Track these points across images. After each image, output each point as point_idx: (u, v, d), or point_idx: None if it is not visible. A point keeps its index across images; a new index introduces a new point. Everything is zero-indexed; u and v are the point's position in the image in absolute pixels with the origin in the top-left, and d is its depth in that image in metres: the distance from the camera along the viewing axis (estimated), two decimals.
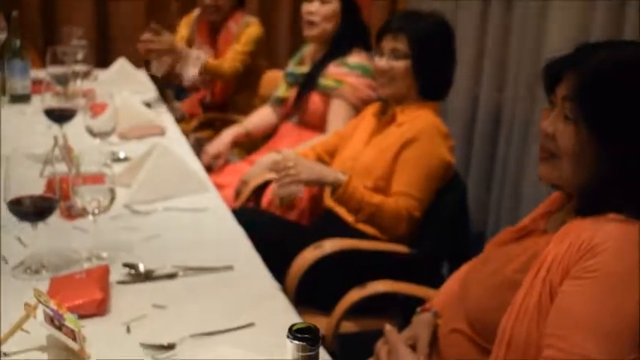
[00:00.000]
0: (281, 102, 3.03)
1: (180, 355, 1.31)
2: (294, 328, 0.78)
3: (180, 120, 3.27)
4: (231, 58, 3.32)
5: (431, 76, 2.25)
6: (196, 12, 3.60)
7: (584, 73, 1.28)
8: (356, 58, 2.80)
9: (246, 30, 3.37)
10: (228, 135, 3.06)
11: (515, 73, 3.28)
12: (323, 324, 1.91)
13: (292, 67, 3.03)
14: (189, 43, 3.55)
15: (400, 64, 2.23)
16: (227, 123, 3.30)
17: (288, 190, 2.16)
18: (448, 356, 1.46)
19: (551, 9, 2.97)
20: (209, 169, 2.85)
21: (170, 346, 1.32)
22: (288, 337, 0.77)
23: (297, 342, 0.77)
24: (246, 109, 3.40)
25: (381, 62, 2.27)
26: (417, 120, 2.21)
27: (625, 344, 1.17)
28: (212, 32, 3.52)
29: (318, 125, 2.82)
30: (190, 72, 3.17)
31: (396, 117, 2.25)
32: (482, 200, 3.52)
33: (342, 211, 2.21)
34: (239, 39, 3.37)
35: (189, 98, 3.65)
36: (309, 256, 2.02)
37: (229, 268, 1.66)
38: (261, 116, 3.12)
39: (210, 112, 3.53)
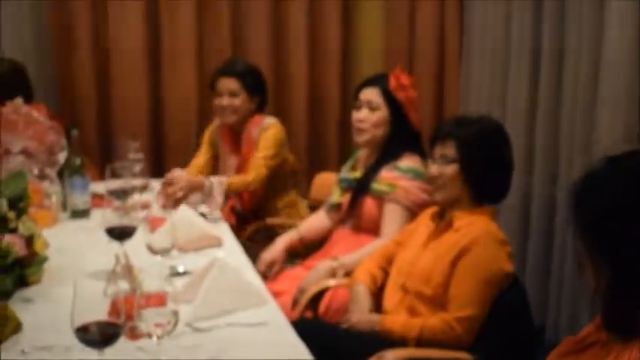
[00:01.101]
0: (336, 208, 3.05)
1: None
2: None
3: None
4: (254, 166, 3.33)
5: (482, 181, 2.27)
6: (217, 120, 3.60)
7: (586, 210, 1.32)
8: (407, 162, 2.82)
9: (265, 134, 3.39)
10: (282, 241, 3.07)
11: (567, 166, 3.27)
12: None
13: (346, 172, 3.07)
14: (215, 151, 3.59)
15: (449, 170, 2.26)
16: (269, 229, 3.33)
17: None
18: None
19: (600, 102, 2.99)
20: (264, 276, 2.85)
21: None
22: None
23: None
24: (280, 211, 3.45)
25: (432, 168, 2.31)
26: (473, 226, 2.21)
27: None
28: (235, 138, 3.52)
29: (373, 230, 2.82)
30: (218, 200, 3.19)
31: (452, 222, 2.26)
32: (541, 294, 3.45)
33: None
34: (258, 144, 3.39)
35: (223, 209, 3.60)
36: None
37: None
38: (315, 222, 3.13)
39: (243, 219, 3.51)
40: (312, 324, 2.38)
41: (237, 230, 3.25)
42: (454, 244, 2.19)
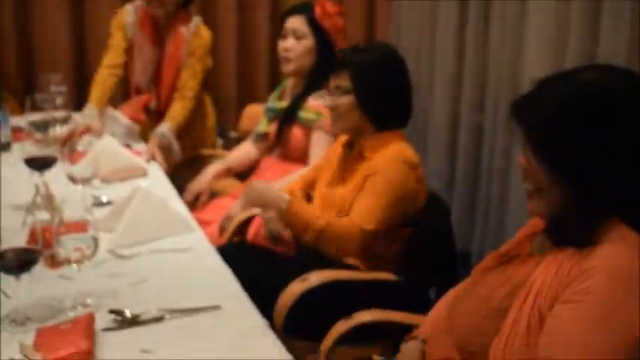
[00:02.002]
0: (262, 137, 3.04)
1: None
2: None
3: None
4: (192, 86, 3.26)
5: (379, 109, 2.22)
6: (126, 12, 3.38)
7: (536, 116, 1.31)
8: None
9: (200, 42, 3.29)
10: (210, 172, 3.06)
11: (496, 92, 3.32)
12: (313, 357, 1.90)
13: (272, 102, 3.05)
14: (130, 46, 3.37)
15: (344, 100, 2.21)
16: None
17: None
18: None
19: (528, 31, 3.02)
20: (192, 206, 2.84)
21: None
22: None
23: None
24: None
25: (327, 100, 2.27)
26: (383, 151, 2.18)
27: None
28: (157, 33, 3.35)
29: (300, 158, 2.83)
30: (176, 147, 3.17)
31: (363, 152, 2.22)
32: (467, 220, 3.53)
33: None
34: (193, 51, 3.28)
35: (132, 102, 3.47)
36: (295, 289, 2.02)
37: (217, 307, 1.66)
38: (243, 151, 3.13)
39: (154, 119, 3.35)
40: (238, 248, 2.38)
41: (148, 130, 3.22)
42: (365, 171, 2.17)
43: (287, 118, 2.88)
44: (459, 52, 3.60)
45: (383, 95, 2.22)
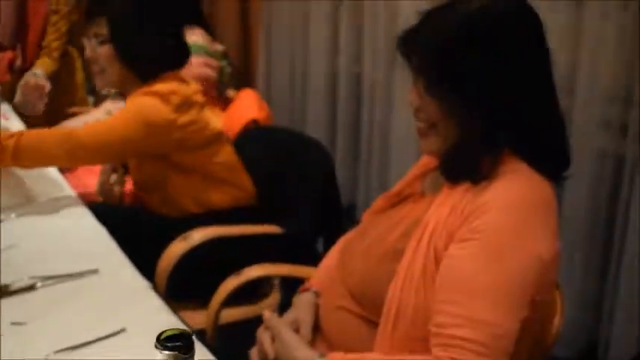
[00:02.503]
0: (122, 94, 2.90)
1: None
2: (164, 336, 0.70)
3: None
4: (57, 46, 3.04)
5: (136, 57, 2.03)
6: None
7: (426, 47, 1.26)
8: (191, 37, 2.70)
9: None
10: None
11: (372, 45, 3.30)
12: (201, 317, 1.83)
13: None
14: None
15: (103, 50, 2.04)
16: None
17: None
18: (334, 334, 1.41)
19: None
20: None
21: None
22: (156, 347, 0.70)
23: (167, 352, 0.69)
24: None
25: (86, 52, 2.09)
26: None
27: (518, 303, 1.18)
28: None
29: None
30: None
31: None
32: (350, 173, 3.53)
33: None
34: (58, 8, 3.05)
35: None
36: (176, 249, 1.93)
37: (94, 271, 1.56)
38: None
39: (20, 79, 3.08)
40: (112, 207, 2.25)
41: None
42: None
43: None
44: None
45: (138, 43, 2.02)
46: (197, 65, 2.69)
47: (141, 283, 1.55)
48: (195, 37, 2.72)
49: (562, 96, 1.30)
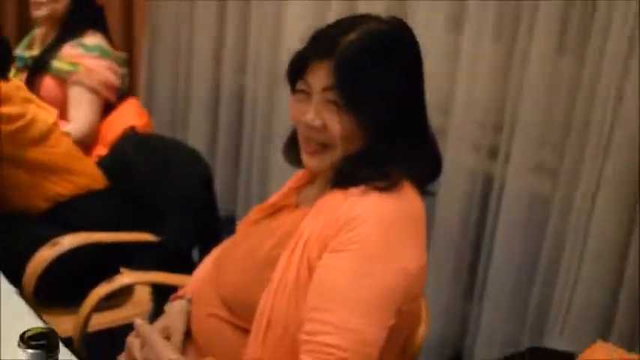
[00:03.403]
0: None
1: None
2: (28, 335, 0.68)
3: None
4: None
5: None
6: None
7: (340, 61, 1.28)
8: (93, 39, 2.66)
9: None
10: None
11: (256, 59, 3.31)
12: (70, 324, 1.77)
13: (21, 50, 2.80)
14: None
15: None
16: None
17: None
18: (205, 342, 1.42)
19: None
20: None
21: None
22: (19, 345, 0.68)
23: (31, 350, 0.67)
24: None
25: None
26: None
27: (385, 312, 1.22)
28: None
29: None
30: None
31: None
32: (230, 184, 3.53)
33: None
34: None
35: None
36: (46, 255, 1.88)
37: None
38: None
39: None
40: None
41: None
42: None
43: (38, 67, 2.67)
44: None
45: None
46: (103, 68, 2.63)
47: (5, 287, 1.49)
48: (100, 40, 2.65)
49: (438, 117, 1.38)
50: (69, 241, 1.90)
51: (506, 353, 1.45)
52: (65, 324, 1.79)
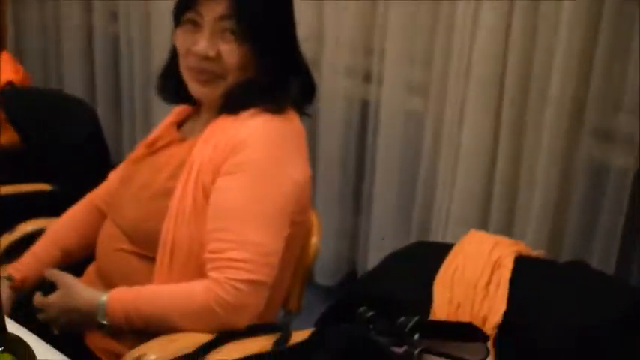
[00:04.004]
0: None
1: None
2: None
3: None
4: None
5: None
6: None
7: None
8: None
9: None
10: None
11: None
12: None
13: None
14: None
15: None
16: None
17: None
18: (116, 276, 1.47)
19: None
20: None
21: None
22: None
23: None
24: None
25: None
26: None
27: (280, 223, 1.34)
28: None
29: None
30: None
31: None
32: (113, 132, 3.51)
33: None
34: None
35: None
36: None
37: None
38: None
39: None
40: None
41: None
42: None
43: None
44: None
45: None
46: None
47: None
48: None
49: (310, 48, 1.50)
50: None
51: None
52: None
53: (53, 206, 2.03)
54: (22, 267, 1.58)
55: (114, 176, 1.63)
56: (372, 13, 2.50)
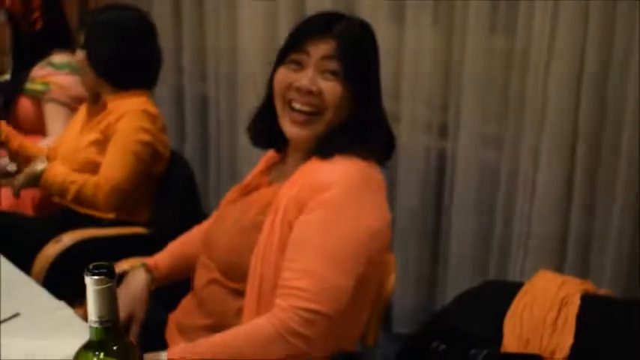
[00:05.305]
0: None
1: None
2: (91, 266, 0.88)
3: None
4: None
5: (108, 67, 2.26)
6: None
7: (344, 37, 1.48)
8: (61, 58, 2.82)
9: None
10: None
11: (215, 63, 3.49)
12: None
13: None
14: None
15: (79, 56, 2.28)
16: None
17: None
18: (209, 304, 1.57)
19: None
20: None
21: None
22: (86, 274, 0.88)
23: (96, 277, 0.87)
24: None
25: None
26: (125, 103, 2.24)
27: (348, 263, 1.41)
28: None
29: (35, 130, 2.79)
30: None
31: (106, 104, 2.27)
32: (202, 185, 3.69)
33: None
34: None
35: None
36: (49, 251, 2.05)
37: None
38: None
39: None
40: None
41: None
42: (106, 121, 2.25)
43: (12, 91, 2.82)
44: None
45: (107, 54, 2.25)
46: (74, 83, 2.75)
47: (22, 276, 1.67)
48: (68, 57, 2.80)
49: (387, 101, 1.60)
50: (69, 238, 2.08)
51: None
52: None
53: (147, 249, 2.19)
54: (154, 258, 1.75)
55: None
56: (447, 71, 2.61)
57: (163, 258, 1.77)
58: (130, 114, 2.21)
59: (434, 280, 2.80)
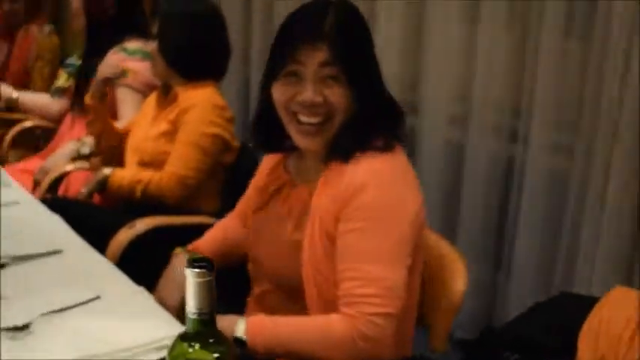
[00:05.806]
0: (62, 92, 3.03)
1: (38, 333, 1.33)
2: (192, 259, 0.91)
3: None
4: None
5: (179, 57, 2.30)
6: None
7: (337, 38, 1.42)
8: (135, 44, 2.85)
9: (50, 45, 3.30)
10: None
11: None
12: None
13: (75, 59, 3.03)
14: None
15: (153, 46, 2.33)
16: None
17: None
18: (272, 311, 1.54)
19: None
20: None
21: (25, 326, 1.34)
22: (187, 266, 0.90)
23: (198, 270, 0.90)
24: None
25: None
26: (194, 95, 2.28)
27: (400, 257, 1.41)
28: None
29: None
30: None
31: (177, 96, 2.31)
32: None
33: None
34: (43, 54, 3.26)
35: None
36: (123, 237, 2.09)
37: (58, 251, 1.69)
38: (41, 104, 3.08)
39: None
40: (60, 201, 2.38)
41: None
42: (175, 112, 2.29)
43: (85, 73, 2.88)
44: None
45: (180, 44, 2.28)
46: (146, 70, 2.74)
47: (102, 260, 1.71)
48: (140, 44, 2.84)
49: (457, 103, 1.54)
50: (142, 225, 2.12)
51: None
52: None
53: None
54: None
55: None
56: (520, 74, 2.58)
57: (205, 243, 1.78)
58: (198, 106, 2.25)
59: (494, 287, 2.78)
